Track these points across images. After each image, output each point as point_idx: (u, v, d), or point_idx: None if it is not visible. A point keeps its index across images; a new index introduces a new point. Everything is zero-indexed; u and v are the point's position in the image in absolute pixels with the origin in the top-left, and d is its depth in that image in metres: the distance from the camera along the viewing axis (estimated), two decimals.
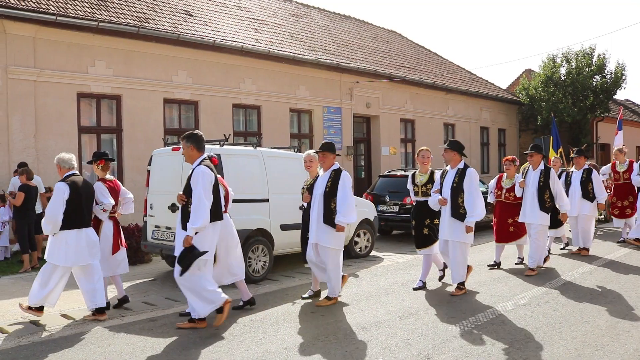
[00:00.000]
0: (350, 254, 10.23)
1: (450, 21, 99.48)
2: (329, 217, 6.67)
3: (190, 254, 5.58)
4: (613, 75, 23.70)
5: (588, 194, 10.26)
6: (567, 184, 10.51)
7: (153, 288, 8.15)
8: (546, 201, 8.51)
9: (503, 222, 9.14)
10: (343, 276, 7.09)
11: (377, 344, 5.31)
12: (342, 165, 16.34)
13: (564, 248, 10.79)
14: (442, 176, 7.40)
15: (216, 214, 5.80)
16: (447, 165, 7.49)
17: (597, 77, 23.78)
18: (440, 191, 7.32)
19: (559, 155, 15.11)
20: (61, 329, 5.97)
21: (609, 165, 12.14)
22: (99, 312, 6.26)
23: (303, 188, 7.40)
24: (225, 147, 8.34)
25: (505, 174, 9.30)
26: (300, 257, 7.53)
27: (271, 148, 9.80)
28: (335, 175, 6.79)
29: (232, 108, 14.43)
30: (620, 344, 5.22)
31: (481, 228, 12.74)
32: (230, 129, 13.95)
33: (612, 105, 28.28)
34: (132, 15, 12.71)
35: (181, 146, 6.16)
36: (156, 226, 8.69)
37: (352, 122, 17.82)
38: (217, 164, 6.24)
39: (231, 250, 6.49)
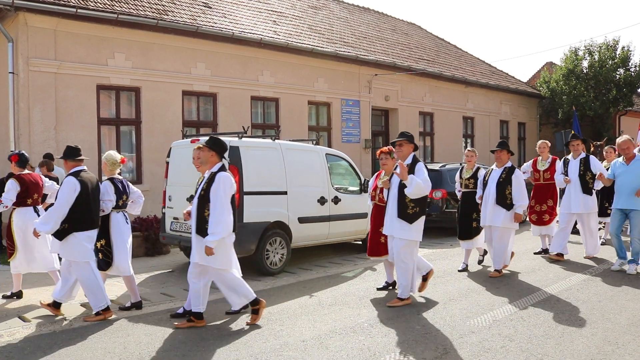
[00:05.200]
0: None
1: (470, 13, 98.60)
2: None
3: None
4: (637, 68, 23.19)
5: (505, 199, 8.00)
6: (484, 185, 8.35)
7: (171, 279, 8.22)
8: (407, 206, 6.41)
9: (374, 231, 7.25)
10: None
11: (394, 338, 5.29)
12: (360, 158, 16.51)
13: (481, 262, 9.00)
14: (199, 182, 6.01)
15: None
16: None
17: (621, 70, 23.27)
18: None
19: None
20: (81, 319, 6.05)
21: (530, 162, 10.09)
22: None
23: None
24: (243, 139, 8.35)
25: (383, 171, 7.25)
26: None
27: (289, 140, 9.79)
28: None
29: (250, 100, 14.44)
30: None
31: None
32: (248, 121, 13.97)
33: (636, 99, 27.74)
34: (151, 8, 12.76)
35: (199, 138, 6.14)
36: (175, 218, 8.74)
37: (370, 114, 17.73)
38: (17, 161, 6.83)
39: (37, 244, 6.72)
